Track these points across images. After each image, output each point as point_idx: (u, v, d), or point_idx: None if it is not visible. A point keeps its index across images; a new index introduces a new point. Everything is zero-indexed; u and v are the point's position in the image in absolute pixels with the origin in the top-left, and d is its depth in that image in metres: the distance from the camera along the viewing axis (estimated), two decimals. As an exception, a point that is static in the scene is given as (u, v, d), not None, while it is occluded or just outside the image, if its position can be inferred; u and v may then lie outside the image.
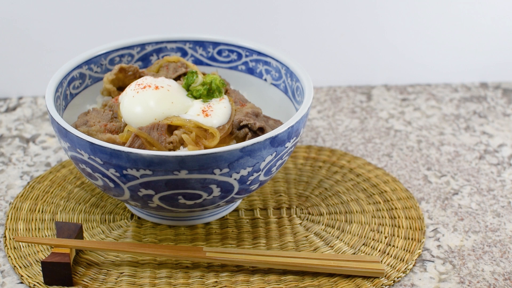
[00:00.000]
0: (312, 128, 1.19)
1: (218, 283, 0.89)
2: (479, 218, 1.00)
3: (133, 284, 0.89)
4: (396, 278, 0.90)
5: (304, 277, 0.90)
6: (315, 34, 1.28)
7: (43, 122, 1.19)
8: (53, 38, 1.24)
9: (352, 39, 1.28)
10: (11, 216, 0.98)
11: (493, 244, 0.96)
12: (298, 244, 0.95)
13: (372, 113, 1.23)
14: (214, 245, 0.95)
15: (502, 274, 0.92)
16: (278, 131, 0.87)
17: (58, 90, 0.96)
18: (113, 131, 0.92)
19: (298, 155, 1.10)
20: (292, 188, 1.04)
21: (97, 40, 1.19)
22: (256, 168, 0.88)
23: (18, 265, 0.91)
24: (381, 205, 1.01)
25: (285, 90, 1.02)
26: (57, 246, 0.89)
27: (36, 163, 1.09)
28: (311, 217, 0.99)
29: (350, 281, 0.89)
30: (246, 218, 0.99)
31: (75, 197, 1.02)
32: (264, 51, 1.03)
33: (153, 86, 0.94)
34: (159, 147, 0.90)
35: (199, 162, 0.84)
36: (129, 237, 0.96)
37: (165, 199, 0.88)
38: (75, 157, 0.89)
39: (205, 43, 1.06)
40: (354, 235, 0.96)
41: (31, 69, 1.25)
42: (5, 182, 1.06)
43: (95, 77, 1.03)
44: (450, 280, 0.91)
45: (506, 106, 1.25)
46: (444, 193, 1.04)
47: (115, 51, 1.04)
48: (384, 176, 1.06)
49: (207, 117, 0.92)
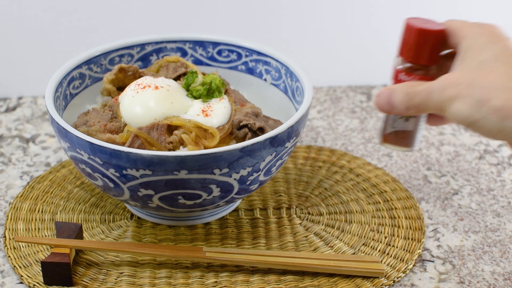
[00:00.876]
0: (312, 128, 1.19)
1: (218, 283, 0.89)
2: (479, 218, 1.00)
3: (133, 284, 0.89)
4: (396, 278, 0.90)
5: (304, 277, 0.90)
6: (315, 34, 1.28)
7: (43, 122, 1.19)
8: (53, 38, 1.24)
9: (352, 39, 1.28)
10: (11, 216, 0.98)
11: (493, 244, 0.96)
12: (298, 244, 0.95)
13: (372, 113, 1.23)
14: (214, 245, 0.94)
15: (502, 274, 0.92)
16: (278, 131, 0.87)
17: (58, 90, 0.96)
18: (113, 131, 0.92)
19: (298, 155, 1.10)
20: (292, 188, 1.04)
21: (97, 40, 1.19)
22: (256, 168, 0.88)
23: (18, 265, 0.91)
24: (381, 205, 1.01)
25: (285, 90, 1.02)
26: (57, 246, 0.89)
27: (36, 163, 1.09)
28: (311, 217, 0.99)
29: (350, 281, 0.89)
30: (246, 218, 0.99)
31: (75, 197, 1.02)
32: (264, 51, 1.03)
33: (153, 86, 0.94)
34: (159, 147, 0.90)
35: (199, 162, 0.84)
36: (129, 237, 0.96)
37: (165, 199, 0.88)
38: (75, 157, 0.89)
39: (205, 43, 1.06)
40: (354, 235, 0.96)
41: (31, 69, 1.25)
42: (5, 182, 1.06)
43: (95, 77, 1.03)
44: (450, 280, 0.91)
45: (506, 106, 1.25)
46: (444, 193, 1.04)
47: (115, 51, 1.04)
48: (384, 176, 1.06)
49: (207, 117, 0.92)
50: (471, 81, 0.82)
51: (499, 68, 0.82)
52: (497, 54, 0.83)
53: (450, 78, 0.84)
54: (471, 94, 0.82)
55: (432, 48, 0.92)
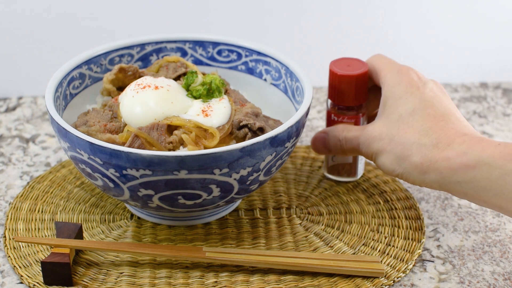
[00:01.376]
0: (312, 128, 1.19)
1: (217, 283, 0.89)
2: (479, 218, 1.00)
3: (133, 284, 0.89)
4: (396, 278, 0.90)
5: (304, 277, 0.90)
6: (315, 34, 1.28)
7: (43, 122, 1.19)
8: (53, 38, 1.24)
9: (352, 39, 1.28)
10: (11, 216, 0.98)
11: (493, 244, 0.96)
12: (297, 244, 0.95)
13: (372, 113, 1.23)
14: (213, 245, 0.94)
15: (502, 274, 0.92)
16: (278, 131, 0.87)
17: (58, 90, 0.96)
18: (113, 131, 0.92)
19: (298, 155, 1.10)
20: (292, 188, 1.04)
21: (97, 40, 1.19)
22: (256, 168, 0.88)
23: (18, 265, 0.91)
24: (381, 205, 1.01)
25: (285, 90, 1.02)
26: (56, 246, 0.89)
27: (36, 163, 1.09)
28: (310, 217, 0.99)
29: (350, 281, 0.89)
30: (246, 218, 0.99)
31: (75, 197, 1.02)
32: (264, 51, 1.03)
33: (153, 86, 0.94)
34: (159, 147, 0.90)
35: (198, 162, 0.84)
36: (128, 237, 0.96)
37: (165, 199, 0.88)
38: (75, 157, 0.89)
39: (205, 43, 1.06)
40: (354, 235, 0.96)
41: (31, 69, 1.25)
42: (5, 182, 1.06)
43: (95, 77, 1.03)
44: (450, 280, 0.91)
45: (506, 106, 1.25)
46: (444, 193, 1.04)
47: (115, 51, 1.04)
48: (384, 176, 1.06)
49: (207, 117, 0.92)
50: (392, 137, 0.90)
51: (415, 123, 0.89)
52: (413, 108, 0.90)
53: (374, 131, 0.92)
54: (392, 150, 0.89)
55: (356, 90, 0.98)
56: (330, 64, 0.99)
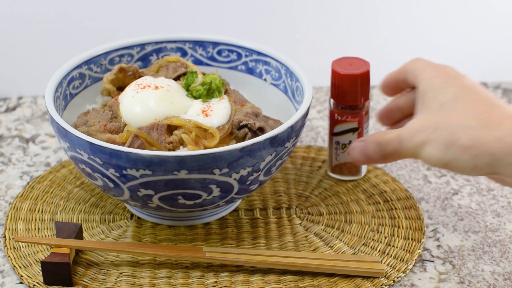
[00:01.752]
0: (312, 128, 1.19)
1: (217, 283, 0.89)
2: (479, 218, 1.00)
3: (133, 284, 0.89)
4: (396, 278, 0.90)
5: (304, 277, 0.90)
6: (315, 34, 1.28)
7: (43, 122, 1.19)
8: (53, 38, 1.24)
9: (352, 39, 1.28)
10: (11, 216, 0.98)
11: (493, 244, 0.96)
12: (297, 244, 0.95)
13: (372, 113, 1.22)
14: (213, 245, 0.94)
15: (502, 274, 0.92)
16: (278, 131, 0.87)
17: (58, 90, 0.96)
18: (112, 131, 0.92)
19: (298, 155, 1.10)
20: (292, 188, 1.04)
21: (97, 40, 1.19)
22: (255, 168, 0.88)
23: (17, 265, 0.91)
24: (381, 205, 1.01)
25: (285, 90, 1.02)
26: (56, 246, 0.89)
27: (36, 163, 1.09)
28: (310, 217, 0.99)
29: (350, 281, 0.89)
30: (246, 218, 0.99)
31: (75, 197, 1.02)
32: (264, 51, 1.03)
33: (153, 86, 0.94)
34: (158, 147, 0.90)
35: (198, 162, 0.84)
36: (128, 237, 0.96)
37: (165, 199, 0.88)
38: (74, 157, 0.89)
39: (205, 43, 1.06)
40: (354, 235, 0.96)
41: (31, 69, 1.25)
42: (5, 182, 1.06)
43: (94, 77, 1.03)
44: (450, 280, 0.91)
45: (506, 106, 1.25)
46: (444, 193, 1.04)
47: (114, 51, 1.04)
48: (384, 176, 1.06)
49: (207, 117, 0.92)
50: (436, 125, 0.84)
51: (459, 108, 0.84)
52: (455, 95, 0.85)
53: (416, 124, 0.86)
54: (438, 137, 0.83)
55: (359, 89, 0.97)
56: (332, 64, 0.99)
